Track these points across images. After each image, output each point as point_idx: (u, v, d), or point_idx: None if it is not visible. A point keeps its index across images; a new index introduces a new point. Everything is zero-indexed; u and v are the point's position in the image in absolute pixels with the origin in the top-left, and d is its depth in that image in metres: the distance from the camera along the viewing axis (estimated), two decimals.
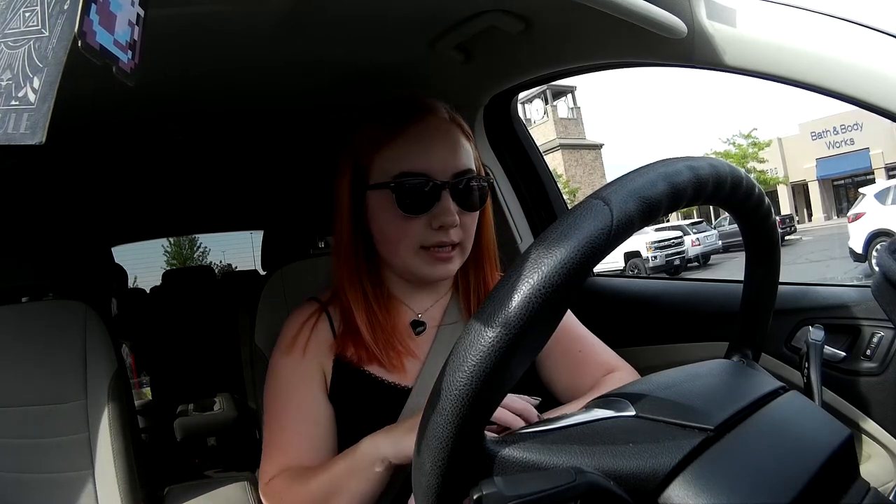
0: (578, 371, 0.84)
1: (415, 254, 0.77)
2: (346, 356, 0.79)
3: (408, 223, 0.76)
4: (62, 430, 1.09)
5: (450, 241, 0.77)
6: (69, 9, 0.29)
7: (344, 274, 0.81)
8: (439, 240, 0.76)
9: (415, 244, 0.77)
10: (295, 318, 0.84)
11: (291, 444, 0.77)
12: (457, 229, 0.77)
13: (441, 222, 0.75)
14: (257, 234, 2.40)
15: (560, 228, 0.37)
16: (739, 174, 0.47)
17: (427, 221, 0.76)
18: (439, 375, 0.37)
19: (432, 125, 0.78)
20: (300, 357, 0.80)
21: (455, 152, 0.78)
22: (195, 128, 1.34)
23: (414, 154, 0.76)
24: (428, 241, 0.76)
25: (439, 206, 0.75)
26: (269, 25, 0.85)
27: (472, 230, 0.80)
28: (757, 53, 0.70)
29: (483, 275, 0.85)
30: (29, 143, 0.28)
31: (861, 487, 0.45)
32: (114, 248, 2.69)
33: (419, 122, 0.77)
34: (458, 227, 0.77)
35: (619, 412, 0.44)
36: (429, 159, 0.76)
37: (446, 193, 0.76)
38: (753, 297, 0.57)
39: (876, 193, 8.80)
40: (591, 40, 0.91)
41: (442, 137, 0.78)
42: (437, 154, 0.76)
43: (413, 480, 0.40)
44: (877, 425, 0.89)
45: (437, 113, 0.80)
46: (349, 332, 0.80)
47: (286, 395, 0.80)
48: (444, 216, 0.75)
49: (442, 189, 0.76)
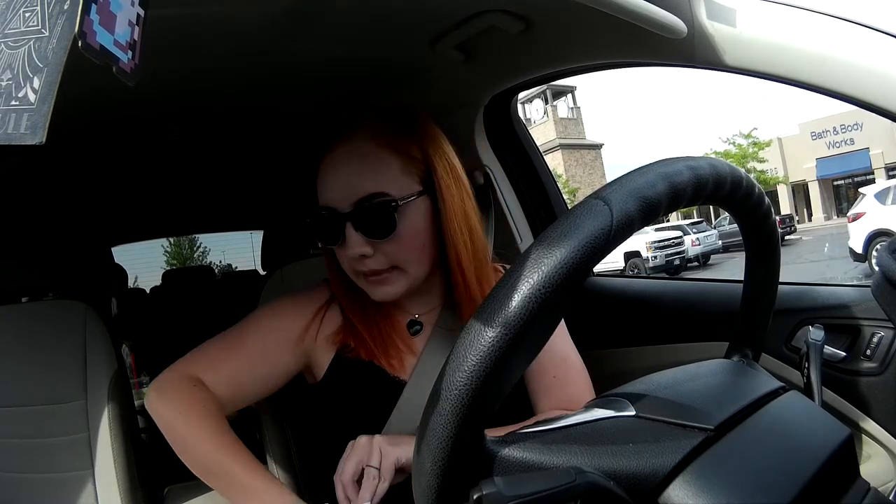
0: (544, 395, 0.83)
1: (357, 278, 0.79)
2: (349, 347, 0.81)
3: (338, 252, 0.78)
4: (62, 430, 1.09)
5: (367, 269, 0.75)
6: (69, 9, 0.29)
7: (333, 284, 0.85)
8: (358, 269, 0.76)
9: (351, 270, 0.78)
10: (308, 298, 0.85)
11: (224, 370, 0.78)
12: (377, 257, 0.75)
13: (349, 254, 0.75)
14: (257, 234, 2.40)
15: (560, 228, 0.37)
16: (739, 174, 0.47)
17: (345, 252, 0.76)
18: (439, 375, 0.37)
19: (342, 153, 0.76)
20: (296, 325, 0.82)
21: (357, 177, 0.74)
22: (195, 127, 1.34)
23: (323, 187, 0.77)
24: (352, 270, 0.78)
25: (345, 239, 0.75)
26: (269, 26, 0.85)
27: (401, 255, 0.75)
28: (757, 53, 0.70)
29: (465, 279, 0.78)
30: (29, 143, 0.28)
31: (861, 487, 0.45)
32: (114, 248, 2.69)
33: (331, 153, 0.77)
34: (375, 255, 0.74)
35: (619, 412, 0.44)
36: (331, 191, 0.76)
37: (349, 226, 0.74)
38: (753, 297, 0.57)
39: (876, 193, 8.81)
40: (591, 40, 0.91)
41: (346, 165, 0.75)
42: (337, 184, 0.75)
43: (413, 480, 0.40)
44: (877, 425, 0.89)
45: (354, 138, 0.76)
46: (350, 328, 0.82)
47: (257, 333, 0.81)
48: (349, 249, 0.74)
49: (345, 221, 0.74)
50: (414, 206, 0.75)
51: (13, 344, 1.13)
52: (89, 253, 2.27)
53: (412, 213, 0.75)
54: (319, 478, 0.85)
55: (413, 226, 0.75)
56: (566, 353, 0.87)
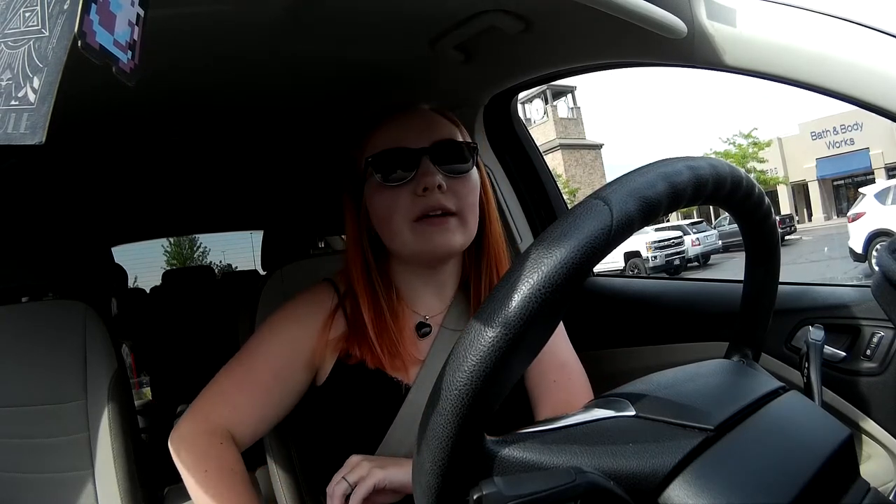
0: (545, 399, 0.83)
1: (410, 229, 0.77)
2: (351, 352, 0.80)
3: (395, 196, 0.77)
4: (62, 430, 1.09)
5: (438, 205, 0.76)
6: (69, 9, 0.29)
7: (355, 271, 0.82)
8: (428, 205, 0.76)
9: (407, 217, 0.77)
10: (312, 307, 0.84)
11: (244, 410, 0.78)
12: (447, 194, 0.76)
13: (424, 184, 0.75)
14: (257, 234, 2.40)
15: (560, 228, 0.37)
16: (739, 174, 0.47)
17: (412, 189, 0.76)
18: (439, 375, 0.37)
19: (409, 113, 0.82)
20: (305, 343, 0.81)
21: (433, 125, 0.80)
22: (195, 127, 1.34)
23: (392, 134, 0.79)
24: (418, 209, 0.76)
25: (420, 170, 0.76)
26: (269, 25, 0.85)
27: (467, 199, 0.78)
28: (757, 53, 0.69)
29: (491, 274, 0.83)
30: (29, 143, 0.28)
31: (861, 487, 0.45)
32: (114, 248, 2.69)
33: (398, 114, 0.82)
34: (446, 192, 0.76)
35: (619, 412, 0.44)
36: (405, 135, 0.79)
37: (426, 159, 0.77)
38: (753, 297, 0.57)
39: (876, 193, 8.81)
40: (591, 40, 0.91)
41: (419, 117, 0.81)
42: (412, 129, 0.79)
43: (413, 480, 0.40)
44: (877, 425, 0.89)
45: (419, 106, 0.84)
46: (356, 330, 0.81)
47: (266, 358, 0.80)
48: (425, 177, 0.75)
49: (421, 155, 0.77)
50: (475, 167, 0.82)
51: (13, 344, 1.13)
52: (89, 253, 2.27)
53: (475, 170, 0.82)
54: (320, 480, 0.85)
55: (479, 178, 0.83)
56: (566, 357, 0.87)
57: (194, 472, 0.74)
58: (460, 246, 0.79)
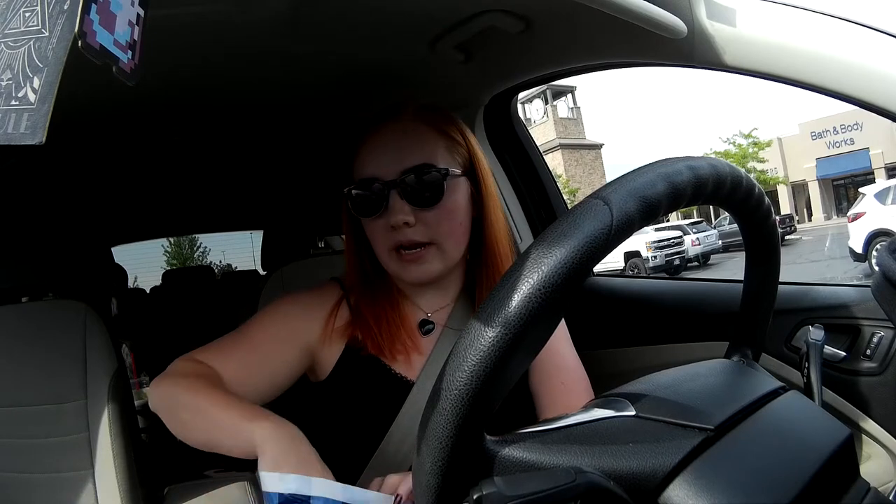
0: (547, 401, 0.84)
1: (389, 257, 0.78)
2: (358, 342, 0.81)
3: (373, 228, 0.79)
4: (62, 430, 1.09)
5: (408, 241, 0.76)
6: (69, 9, 0.29)
7: (352, 272, 0.85)
8: (398, 240, 0.76)
9: (385, 247, 0.78)
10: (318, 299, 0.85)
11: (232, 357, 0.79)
12: (417, 228, 0.76)
13: (391, 222, 0.76)
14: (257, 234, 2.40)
15: (560, 228, 0.37)
16: (739, 174, 0.47)
17: (385, 223, 0.77)
18: (439, 375, 0.37)
19: (389, 130, 0.79)
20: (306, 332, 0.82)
21: (406, 150, 0.77)
22: (195, 128, 1.34)
23: (366, 160, 0.78)
24: (391, 242, 0.77)
25: (388, 206, 0.76)
26: (269, 25, 0.85)
27: (440, 228, 0.77)
28: (757, 53, 0.69)
29: (494, 275, 0.82)
30: (29, 143, 0.28)
31: (861, 487, 0.45)
32: (114, 248, 2.69)
33: (376, 131, 0.79)
34: (416, 225, 0.76)
35: (619, 412, 0.44)
36: (378, 163, 0.77)
37: (394, 193, 0.76)
38: (753, 297, 0.57)
39: (876, 193, 8.80)
40: (591, 40, 0.91)
41: (395, 140, 0.78)
42: (385, 157, 0.77)
43: (413, 480, 0.40)
44: (877, 425, 0.89)
45: (400, 117, 0.80)
46: (359, 320, 0.82)
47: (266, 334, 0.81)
48: (392, 216, 0.75)
49: (390, 189, 0.76)
50: (457, 183, 0.79)
51: (13, 344, 1.13)
52: (89, 253, 2.27)
53: (455, 188, 0.79)
54: None
55: (456, 200, 0.79)
56: (567, 360, 0.87)
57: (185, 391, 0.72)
58: (439, 273, 0.79)
